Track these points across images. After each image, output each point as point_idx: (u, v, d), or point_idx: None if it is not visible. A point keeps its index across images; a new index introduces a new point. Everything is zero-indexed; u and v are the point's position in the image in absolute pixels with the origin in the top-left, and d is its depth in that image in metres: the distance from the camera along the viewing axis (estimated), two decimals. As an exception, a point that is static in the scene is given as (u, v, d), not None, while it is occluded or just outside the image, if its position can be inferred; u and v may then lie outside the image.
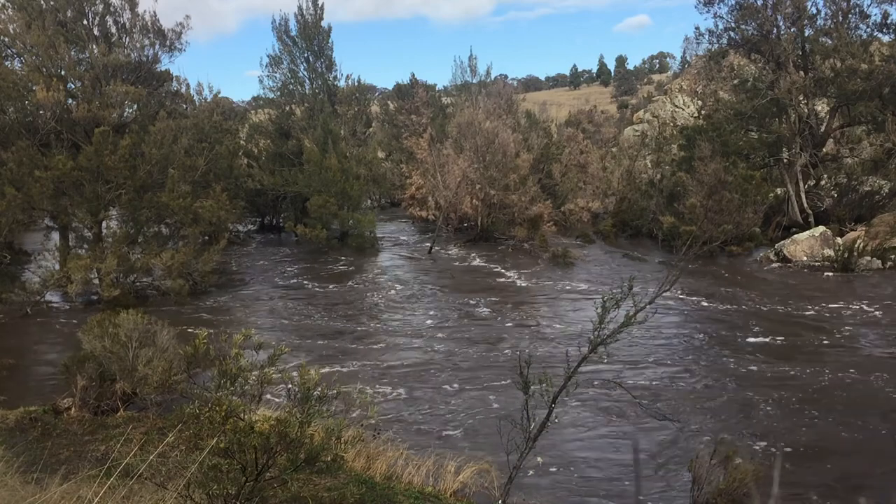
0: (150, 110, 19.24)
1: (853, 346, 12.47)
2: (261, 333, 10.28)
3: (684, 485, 7.37)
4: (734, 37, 23.98)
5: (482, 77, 34.12)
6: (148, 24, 19.28)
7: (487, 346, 12.94)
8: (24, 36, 17.51)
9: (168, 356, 9.08)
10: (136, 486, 5.20)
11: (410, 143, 30.41)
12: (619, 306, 6.16)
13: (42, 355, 12.88)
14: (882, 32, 22.56)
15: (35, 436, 8.09)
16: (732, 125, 23.84)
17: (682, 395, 10.32)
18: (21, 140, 16.21)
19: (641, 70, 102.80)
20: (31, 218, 17.00)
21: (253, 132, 29.15)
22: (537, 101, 60.39)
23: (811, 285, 17.47)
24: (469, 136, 24.97)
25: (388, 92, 49.37)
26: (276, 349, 6.83)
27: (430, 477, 7.25)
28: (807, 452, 8.34)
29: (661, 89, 60.97)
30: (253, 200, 25.85)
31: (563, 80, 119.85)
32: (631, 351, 12.12)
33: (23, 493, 5.01)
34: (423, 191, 27.69)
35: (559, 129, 35.95)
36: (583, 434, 9.00)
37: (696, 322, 14.48)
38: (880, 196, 23.55)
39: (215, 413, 5.12)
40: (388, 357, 12.41)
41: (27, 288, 15.70)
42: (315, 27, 26.65)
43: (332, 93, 27.79)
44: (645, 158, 31.64)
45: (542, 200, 24.91)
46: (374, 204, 33.45)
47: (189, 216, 17.43)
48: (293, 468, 5.21)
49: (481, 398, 10.29)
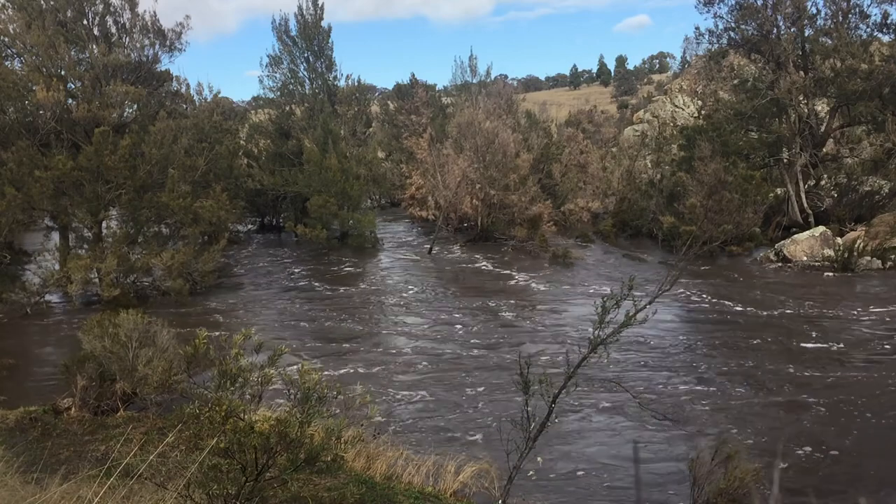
0: (150, 110, 19.25)
1: (854, 345, 12.47)
2: (262, 333, 10.28)
3: (684, 485, 7.36)
4: (734, 37, 23.97)
5: (482, 77, 34.15)
6: (148, 24, 19.30)
7: (492, 346, 12.94)
8: (24, 36, 17.52)
9: (168, 356, 9.08)
10: (136, 486, 5.20)
11: (410, 143, 30.41)
12: (618, 306, 6.15)
13: (42, 355, 12.88)
14: (882, 32, 22.56)
15: (35, 436, 8.09)
16: (732, 125, 23.83)
17: (682, 395, 10.32)
18: (21, 140, 16.21)
19: (641, 70, 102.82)
20: (31, 218, 16.99)
21: (253, 132, 29.16)
22: (537, 101, 60.40)
23: (811, 285, 17.46)
24: (469, 136, 24.96)
25: (388, 92, 49.37)
26: (276, 349, 6.84)
27: (430, 477, 7.25)
28: (807, 452, 8.35)
29: (661, 89, 60.99)
30: (253, 200, 25.86)
31: (563, 80, 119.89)
32: (630, 350, 12.13)
33: (23, 493, 5.01)
34: (423, 191, 27.69)
35: (559, 129, 35.95)
36: (583, 434, 9.00)
37: (695, 322, 14.48)
38: (880, 196, 23.53)
39: (215, 413, 5.13)
40: (394, 357, 12.40)
41: (27, 288, 15.71)
42: (315, 27, 26.65)
43: (332, 93, 27.79)
44: (645, 158, 31.64)
45: (542, 200, 24.90)
46: (374, 204, 33.45)
47: (189, 216, 17.44)
48: (293, 468, 5.22)
49: (508, 400, 10.00)
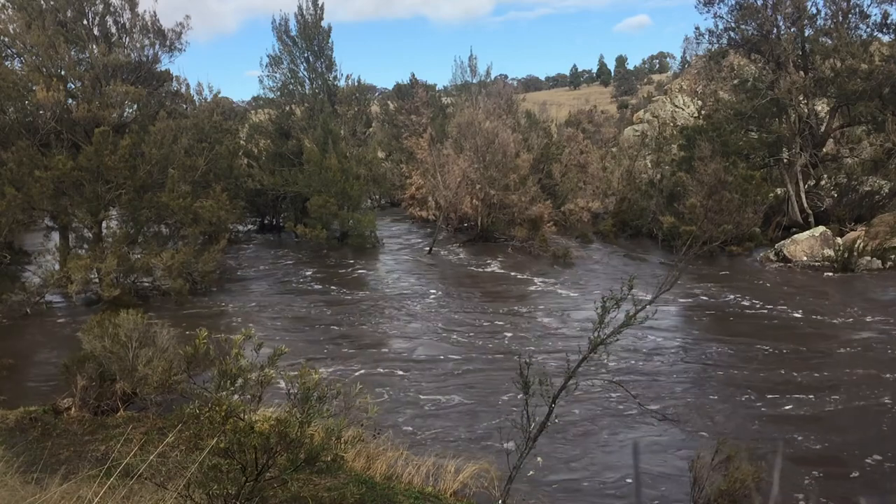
0: (150, 110, 19.24)
1: (853, 345, 12.46)
2: (262, 333, 10.28)
3: (684, 485, 7.36)
4: (734, 37, 23.96)
5: (482, 77, 34.16)
6: (148, 24, 19.29)
7: (493, 347, 12.94)
8: (24, 36, 17.51)
9: (168, 356, 9.08)
10: (136, 486, 5.20)
11: (410, 143, 30.42)
12: (618, 306, 6.16)
13: (42, 355, 12.87)
14: (882, 32, 22.56)
15: (35, 436, 8.09)
16: (732, 125, 23.82)
17: (682, 395, 10.32)
18: (21, 140, 16.20)
19: (641, 70, 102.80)
20: (31, 218, 16.98)
21: (253, 132, 29.14)
22: (537, 101, 60.41)
23: (811, 285, 17.46)
24: (469, 136, 24.95)
25: (388, 92, 49.37)
26: (276, 349, 6.84)
27: (430, 477, 7.25)
28: (805, 452, 8.35)
29: (661, 89, 60.98)
30: (253, 200, 25.84)
31: (563, 80, 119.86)
32: (630, 351, 12.13)
33: (23, 493, 5.01)
34: (423, 191, 27.70)
35: (559, 129, 35.95)
36: (583, 433, 9.00)
37: (695, 322, 14.48)
38: (880, 196, 23.53)
39: (215, 413, 5.12)
40: (394, 357, 12.40)
41: (27, 288, 15.70)
42: (315, 27, 26.64)
43: (332, 93, 27.78)
44: (645, 158, 31.62)
45: (542, 200, 24.89)
46: (374, 204, 33.43)
47: (189, 216, 17.43)
48: (293, 468, 5.21)
49: (509, 401, 9.92)
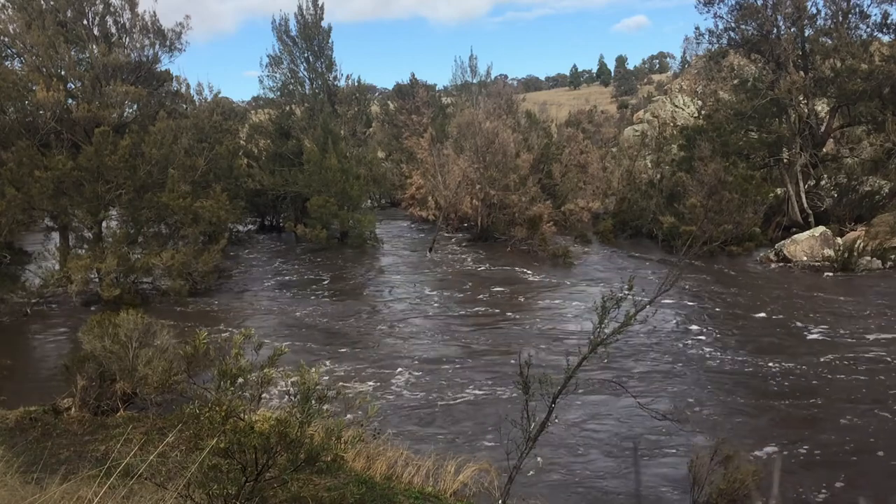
0: (150, 110, 19.24)
1: (855, 347, 12.46)
2: (262, 333, 10.28)
3: (684, 485, 7.36)
4: (734, 37, 23.97)
5: (482, 77, 34.27)
6: (148, 24, 19.31)
7: (493, 348, 12.93)
8: (24, 36, 17.51)
9: (168, 356, 9.08)
10: (136, 486, 5.19)
11: (410, 143, 30.45)
12: (618, 306, 6.15)
13: (42, 355, 12.88)
14: (882, 32, 22.57)
15: (35, 436, 8.08)
16: (732, 125, 23.82)
17: (681, 394, 10.32)
18: (21, 140, 16.20)
19: (641, 70, 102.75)
20: (31, 218, 16.98)
21: (253, 132, 29.16)
22: (537, 101, 60.46)
23: (811, 285, 17.45)
24: (469, 136, 24.96)
25: (388, 92, 49.39)
26: (276, 349, 6.84)
27: (430, 477, 7.25)
28: (808, 451, 8.35)
29: (661, 89, 60.99)
30: (253, 200, 25.84)
31: (563, 80, 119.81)
32: (630, 351, 12.12)
33: (23, 493, 5.01)
34: (423, 191, 27.72)
35: (559, 129, 35.98)
36: (583, 434, 9.00)
37: (695, 322, 14.46)
38: (880, 196, 23.53)
39: (215, 413, 5.11)
40: (393, 358, 12.40)
41: (27, 288, 15.69)
42: (315, 27, 26.64)
43: (332, 93, 27.78)
44: (645, 158, 31.63)
45: (542, 200, 24.90)
46: (374, 204, 33.45)
47: (189, 216, 17.43)
48: (293, 468, 5.21)
49: (510, 401, 9.88)
